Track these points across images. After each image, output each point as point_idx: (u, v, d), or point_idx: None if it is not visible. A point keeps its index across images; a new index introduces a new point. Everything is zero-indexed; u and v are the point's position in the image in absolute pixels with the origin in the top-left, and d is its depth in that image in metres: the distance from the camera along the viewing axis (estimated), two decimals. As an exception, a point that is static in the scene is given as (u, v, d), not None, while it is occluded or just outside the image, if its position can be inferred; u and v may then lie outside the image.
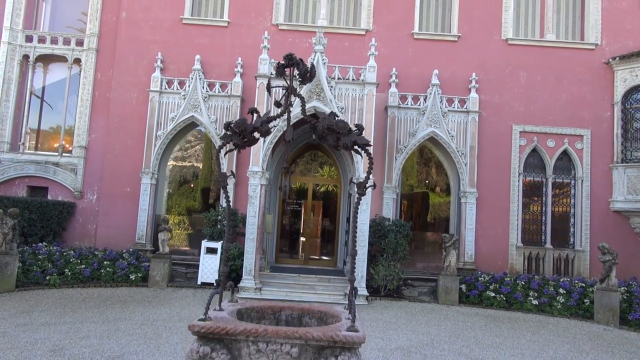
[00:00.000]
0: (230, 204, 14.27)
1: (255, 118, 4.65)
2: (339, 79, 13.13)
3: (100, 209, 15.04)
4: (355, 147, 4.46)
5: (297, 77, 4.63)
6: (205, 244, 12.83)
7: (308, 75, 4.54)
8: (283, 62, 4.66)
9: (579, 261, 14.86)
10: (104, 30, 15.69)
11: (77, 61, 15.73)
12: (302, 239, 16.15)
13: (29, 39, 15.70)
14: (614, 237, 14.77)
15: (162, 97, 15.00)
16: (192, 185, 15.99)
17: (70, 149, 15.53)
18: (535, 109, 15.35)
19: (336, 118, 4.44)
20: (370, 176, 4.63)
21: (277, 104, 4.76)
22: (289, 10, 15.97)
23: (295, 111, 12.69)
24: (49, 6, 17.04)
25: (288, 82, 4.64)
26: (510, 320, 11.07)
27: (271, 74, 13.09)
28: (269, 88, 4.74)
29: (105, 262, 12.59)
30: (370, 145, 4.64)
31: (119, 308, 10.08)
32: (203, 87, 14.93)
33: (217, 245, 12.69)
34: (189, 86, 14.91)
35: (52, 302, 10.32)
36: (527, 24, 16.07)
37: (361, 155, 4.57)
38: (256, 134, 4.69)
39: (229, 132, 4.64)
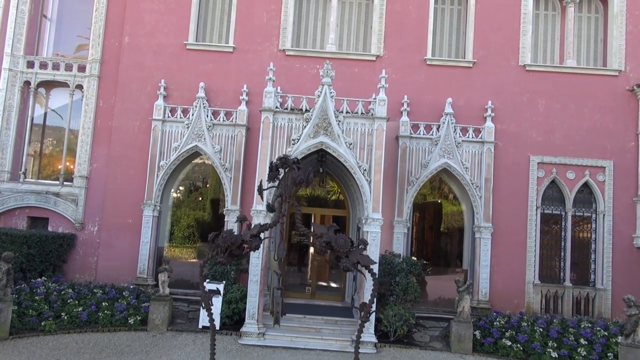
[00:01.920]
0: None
1: (244, 229, 4.11)
2: (347, 112, 12.53)
3: (101, 241, 14.61)
4: (358, 267, 3.89)
5: (295, 183, 4.06)
6: (206, 285, 12.27)
7: (304, 183, 3.98)
8: (277, 162, 4.10)
9: (600, 300, 14.11)
10: (106, 56, 15.25)
11: (80, 87, 15.33)
12: (309, 270, 15.60)
13: (30, 64, 15.31)
14: (637, 275, 14.09)
15: (165, 125, 14.53)
16: (200, 199, 15.56)
17: (73, 175, 15.09)
18: (555, 139, 14.60)
19: (336, 233, 3.87)
20: (375, 299, 4.05)
21: (270, 209, 4.20)
22: (297, 35, 15.39)
23: (301, 147, 12.24)
24: (54, 25, 16.66)
25: (281, 187, 4.08)
26: (527, 376, 10.41)
27: (276, 107, 12.56)
28: (260, 191, 4.18)
29: (103, 304, 12.13)
30: (375, 263, 4.05)
31: (114, 362, 9.62)
32: (207, 116, 14.43)
33: (220, 286, 12.15)
34: (192, 114, 14.42)
35: (45, 354, 9.88)
36: (546, 49, 15.31)
37: (365, 276, 3.98)
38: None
39: (214, 244, 4.10)
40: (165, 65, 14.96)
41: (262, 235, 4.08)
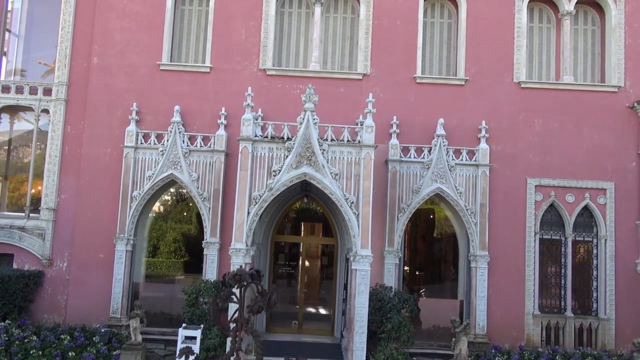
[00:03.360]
0: (214, 275, 13.02)
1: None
2: (332, 140, 11.61)
3: (71, 278, 13.57)
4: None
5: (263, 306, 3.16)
6: (182, 332, 11.28)
7: (265, 309, 3.07)
8: (230, 278, 3.20)
9: (603, 330, 13.33)
10: (73, 79, 14.19)
11: (46, 111, 14.28)
12: (297, 304, 14.66)
13: (-10, 88, 14.27)
14: (641, 303, 13.35)
15: (138, 153, 13.53)
16: (185, 214, 14.61)
17: (40, 207, 14.03)
18: (552, 160, 13.81)
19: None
20: None
21: (224, 333, 3.30)
22: (278, 54, 14.44)
23: (283, 178, 11.35)
24: (22, 41, 15.60)
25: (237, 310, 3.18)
26: None
27: (255, 136, 11.62)
28: (214, 313, 3.28)
29: (70, 353, 11.12)
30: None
31: None
32: (183, 142, 13.45)
33: (197, 333, 11.19)
34: (167, 140, 13.43)
35: (-1, 422, 8.89)
36: (542, 64, 14.51)
37: None
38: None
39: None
40: (137, 88, 13.95)
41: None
